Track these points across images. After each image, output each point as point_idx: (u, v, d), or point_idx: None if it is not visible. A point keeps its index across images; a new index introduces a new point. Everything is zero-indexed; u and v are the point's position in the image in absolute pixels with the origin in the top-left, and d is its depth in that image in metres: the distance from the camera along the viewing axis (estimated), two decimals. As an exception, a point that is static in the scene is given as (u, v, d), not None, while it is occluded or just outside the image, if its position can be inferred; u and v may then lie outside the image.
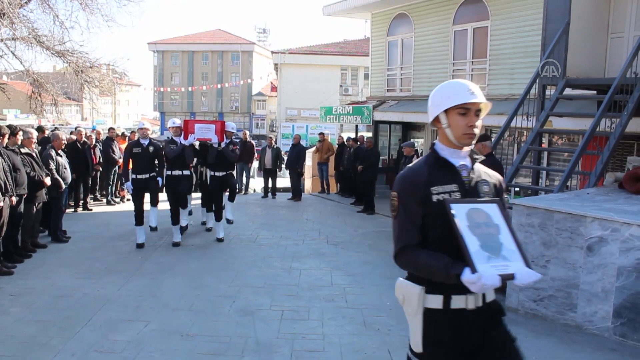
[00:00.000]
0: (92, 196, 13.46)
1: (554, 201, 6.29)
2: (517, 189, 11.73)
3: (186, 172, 9.33)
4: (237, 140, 10.31)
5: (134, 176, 9.02)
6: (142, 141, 9.15)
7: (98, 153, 12.95)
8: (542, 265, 6.02)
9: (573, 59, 8.71)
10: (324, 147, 16.25)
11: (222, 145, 9.42)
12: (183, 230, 9.56)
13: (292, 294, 6.68)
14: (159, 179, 9.20)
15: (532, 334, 5.56)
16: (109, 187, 13.72)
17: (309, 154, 17.79)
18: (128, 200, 14.33)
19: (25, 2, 13.20)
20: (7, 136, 7.54)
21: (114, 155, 13.32)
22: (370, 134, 17.78)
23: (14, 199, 7.37)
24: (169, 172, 9.30)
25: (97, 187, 13.87)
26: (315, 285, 7.09)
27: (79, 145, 11.92)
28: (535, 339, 5.43)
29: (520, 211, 6.23)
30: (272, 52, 38.31)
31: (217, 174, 9.50)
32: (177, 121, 9.60)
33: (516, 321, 5.95)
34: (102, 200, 13.77)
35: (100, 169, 13.18)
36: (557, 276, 5.88)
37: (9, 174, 7.21)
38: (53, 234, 9.30)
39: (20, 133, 8.04)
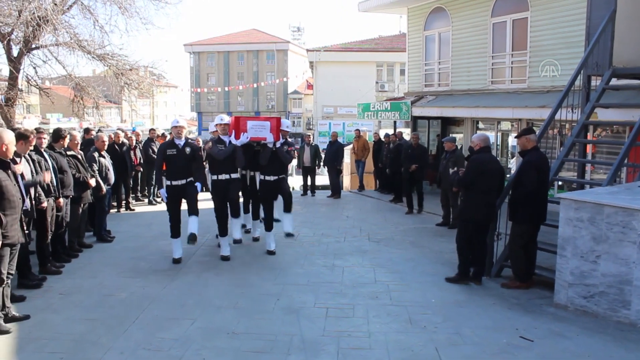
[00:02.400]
0: (134, 196, 13.66)
1: (603, 195, 6.11)
2: (560, 182, 11.51)
3: (235, 176, 8.26)
4: (293, 140, 9.28)
5: (168, 182, 7.94)
6: (176, 141, 7.96)
7: (139, 154, 13.14)
8: (592, 261, 5.87)
9: (620, 47, 8.46)
10: (359, 144, 16.16)
11: (277, 145, 8.42)
12: (236, 242, 8.74)
13: (336, 292, 6.66)
14: (198, 184, 8.04)
15: (584, 332, 5.42)
16: (151, 188, 13.91)
17: (347, 151, 17.72)
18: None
19: (67, 9, 13.48)
20: (45, 136, 7.60)
21: (154, 156, 13.48)
22: (408, 130, 17.63)
23: (61, 200, 7.51)
24: (214, 177, 8.19)
25: (139, 188, 14.07)
26: (358, 283, 7.05)
27: (116, 147, 12.03)
28: (587, 337, 5.29)
29: (568, 205, 6.07)
30: (308, 50, 38.31)
31: (267, 178, 8.46)
32: (226, 118, 8.46)
33: (565, 318, 5.83)
34: (143, 200, 13.96)
35: (141, 169, 13.36)
36: (609, 272, 5.71)
37: (55, 176, 7.35)
38: (98, 234, 9.47)
39: (44, 136, 8.12)
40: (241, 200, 9.24)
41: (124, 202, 12.67)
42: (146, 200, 13.95)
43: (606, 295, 5.76)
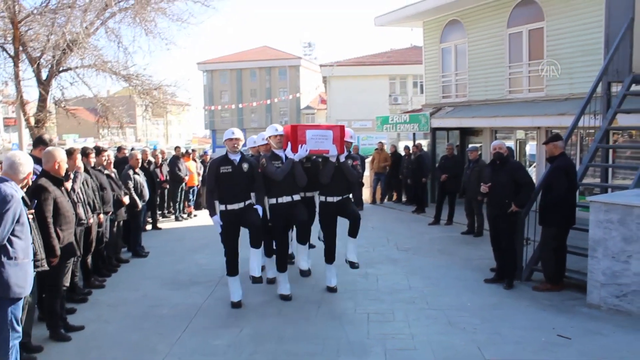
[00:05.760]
0: (161, 213, 13.93)
1: (632, 197, 6.32)
2: (580, 188, 11.65)
3: (297, 197, 7.01)
4: (357, 155, 7.80)
5: (222, 207, 6.62)
6: (231, 157, 6.66)
7: (165, 171, 13.45)
8: (623, 261, 6.06)
9: (639, 54, 8.68)
10: (382, 157, 16.38)
11: (342, 158, 7.06)
12: (305, 274, 7.20)
13: (373, 298, 6.89)
14: (259, 207, 6.78)
15: (620, 329, 5.61)
16: (176, 204, 14.21)
17: (367, 164, 17.92)
18: (195, 216, 14.83)
19: (94, 31, 13.93)
20: (92, 155, 7.98)
21: (179, 173, 13.86)
22: (425, 142, 17.83)
23: (102, 216, 7.81)
24: (273, 201, 6.93)
25: (165, 205, 14.36)
26: (394, 289, 7.28)
27: (145, 165, 12.11)
28: (623, 334, 5.48)
29: (598, 208, 6.28)
30: (321, 66, 38.73)
31: (329, 199, 7.13)
32: (279, 128, 7.13)
33: (600, 317, 6.02)
34: (170, 217, 14.25)
35: (167, 186, 13.65)
36: (641, 271, 5.90)
37: (97, 193, 7.66)
38: (133, 250, 9.75)
39: (105, 154, 8.50)
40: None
41: (149, 219, 12.75)
42: (172, 217, 14.24)
43: (639, 294, 5.94)
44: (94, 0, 13.34)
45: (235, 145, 6.66)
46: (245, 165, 6.65)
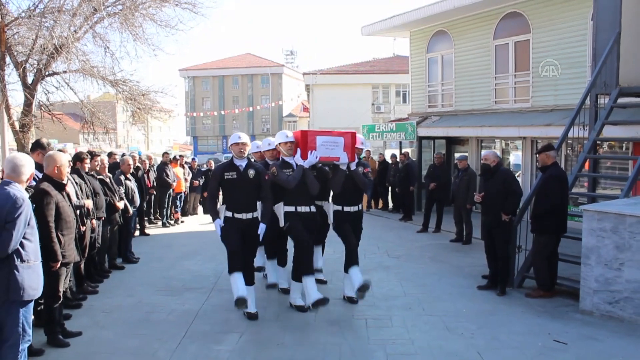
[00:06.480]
0: (147, 219, 13.86)
1: (623, 206, 6.47)
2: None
3: (313, 208, 6.77)
4: (365, 161, 7.68)
5: (229, 214, 6.30)
6: (237, 162, 6.38)
7: (152, 177, 13.42)
8: (616, 268, 6.20)
9: (625, 68, 8.89)
10: (370, 165, 16.50)
11: (352, 166, 6.91)
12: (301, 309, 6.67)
13: (370, 305, 6.93)
14: (262, 226, 6.37)
15: (614, 335, 5.73)
16: (163, 210, 14.16)
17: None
18: (182, 222, 14.79)
19: (82, 35, 13.81)
20: (87, 161, 7.94)
21: (167, 179, 13.83)
22: (410, 150, 18.02)
23: (95, 222, 7.77)
24: (291, 209, 6.62)
25: (152, 211, 14.30)
26: (389, 296, 7.34)
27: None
28: (617, 339, 5.61)
29: (591, 216, 6.42)
30: (304, 74, 38.81)
31: (347, 208, 6.97)
32: (290, 134, 6.88)
33: (593, 323, 6.14)
34: (156, 223, 14.19)
35: (154, 192, 13.61)
36: (633, 278, 6.05)
37: (91, 198, 7.62)
38: (123, 256, 9.68)
39: (98, 159, 8.46)
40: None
41: (137, 225, 12.65)
42: (160, 223, 14.18)
43: (631, 301, 6.08)
44: (82, 5, 13.23)
45: (242, 150, 6.34)
46: (251, 172, 6.34)
